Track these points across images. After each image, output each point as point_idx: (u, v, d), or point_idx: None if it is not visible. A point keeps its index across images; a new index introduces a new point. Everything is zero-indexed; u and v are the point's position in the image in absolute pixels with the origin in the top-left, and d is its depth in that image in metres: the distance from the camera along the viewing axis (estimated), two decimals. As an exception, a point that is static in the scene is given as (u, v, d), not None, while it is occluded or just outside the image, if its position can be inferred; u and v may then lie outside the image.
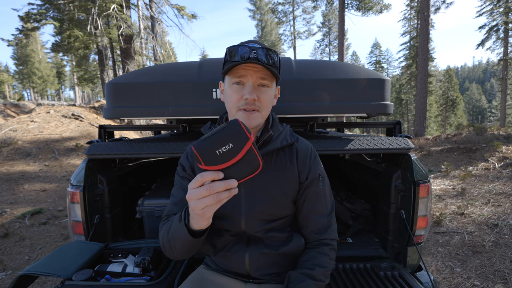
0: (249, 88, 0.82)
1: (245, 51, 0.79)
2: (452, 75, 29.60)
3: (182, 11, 11.60)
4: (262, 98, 0.84)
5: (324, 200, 0.94)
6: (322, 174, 0.96)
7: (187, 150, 1.00)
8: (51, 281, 2.28)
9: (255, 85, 0.83)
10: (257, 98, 0.82)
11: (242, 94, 0.82)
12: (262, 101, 0.84)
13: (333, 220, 0.96)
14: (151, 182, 2.14)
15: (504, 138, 7.30)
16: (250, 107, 0.83)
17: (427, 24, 11.69)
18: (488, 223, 3.15)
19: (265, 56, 0.80)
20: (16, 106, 16.55)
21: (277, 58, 0.84)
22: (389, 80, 1.37)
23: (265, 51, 0.80)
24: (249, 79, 0.82)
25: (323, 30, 32.46)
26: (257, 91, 0.83)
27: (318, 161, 0.97)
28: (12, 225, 3.41)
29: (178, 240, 0.75)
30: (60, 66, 42.02)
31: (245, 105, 0.82)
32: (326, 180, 0.97)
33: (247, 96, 0.81)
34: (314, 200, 0.93)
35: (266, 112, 0.87)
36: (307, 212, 0.94)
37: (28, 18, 10.24)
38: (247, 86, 0.82)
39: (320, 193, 0.94)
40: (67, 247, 1.23)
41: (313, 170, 0.94)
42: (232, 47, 0.82)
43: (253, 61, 0.77)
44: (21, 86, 41.52)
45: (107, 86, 1.34)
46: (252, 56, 0.78)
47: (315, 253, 0.90)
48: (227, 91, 0.87)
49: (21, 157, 6.82)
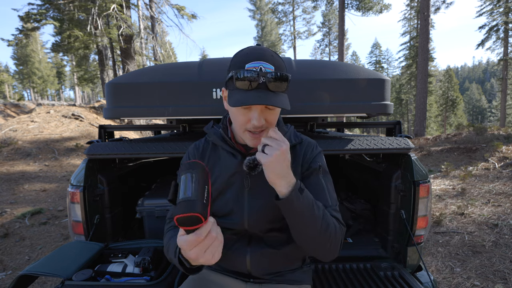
0: (256, 114, 0.76)
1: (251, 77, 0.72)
2: (452, 75, 29.60)
3: (182, 11, 11.60)
4: (269, 119, 0.80)
5: (325, 193, 0.88)
6: (324, 167, 0.92)
7: (189, 150, 0.99)
8: (51, 281, 2.28)
9: (262, 109, 0.78)
10: (264, 122, 0.78)
11: (249, 117, 0.78)
12: (270, 122, 0.80)
13: (339, 215, 0.87)
14: (151, 182, 2.14)
15: (504, 138, 7.30)
16: (257, 130, 0.79)
17: (427, 24, 11.69)
18: (488, 223, 3.15)
19: (275, 80, 0.73)
20: (16, 106, 16.55)
21: (287, 79, 0.76)
22: (389, 80, 1.37)
23: (274, 75, 0.73)
24: (257, 106, 0.76)
25: (323, 30, 32.46)
26: (265, 113, 0.79)
27: (321, 156, 0.94)
28: (12, 225, 3.41)
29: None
30: (60, 66, 42.01)
31: (252, 128, 0.79)
32: (328, 175, 0.93)
33: (255, 123, 0.76)
34: (314, 192, 0.86)
35: (272, 127, 0.83)
36: None
37: (28, 18, 10.24)
38: (253, 111, 0.77)
39: (321, 185, 0.88)
40: (67, 247, 1.23)
41: (315, 161, 0.90)
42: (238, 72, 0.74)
43: (259, 100, 0.71)
44: (21, 86, 41.53)
45: (107, 86, 1.34)
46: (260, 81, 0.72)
47: None
48: (231, 109, 0.81)
49: (21, 157, 6.82)
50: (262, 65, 0.73)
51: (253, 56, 0.75)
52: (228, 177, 0.90)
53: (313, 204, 0.75)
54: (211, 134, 0.93)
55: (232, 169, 0.89)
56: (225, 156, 0.92)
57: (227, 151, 0.91)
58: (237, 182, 0.89)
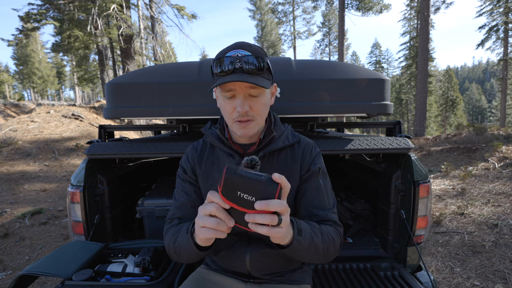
0: (239, 101, 0.80)
1: (228, 63, 0.77)
2: (452, 75, 29.60)
3: (182, 11, 11.61)
4: (255, 107, 0.82)
5: (324, 195, 0.90)
6: (323, 169, 0.94)
7: (187, 152, 0.99)
8: (51, 281, 2.28)
9: (246, 96, 0.81)
10: (250, 108, 0.81)
11: (234, 106, 0.81)
12: (255, 110, 0.83)
13: (336, 217, 0.90)
14: (151, 182, 2.14)
15: (504, 138, 7.30)
16: (244, 118, 0.82)
17: (427, 24, 11.69)
18: (488, 223, 3.15)
19: (251, 63, 0.77)
20: (16, 106, 16.55)
21: (263, 61, 0.79)
22: (389, 80, 1.37)
23: (249, 59, 0.77)
24: (239, 92, 0.80)
25: (323, 30, 32.47)
26: (249, 101, 0.81)
27: (320, 157, 0.95)
28: (12, 225, 3.41)
29: (185, 251, 0.77)
30: (60, 66, 42.01)
31: (239, 117, 0.82)
32: (327, 177, 0.94)
33: (239, 109, 0.79)
34: (313, 194, 0.89)
35: (261, 118, 0.86)
36: (306, 206, 0.89)
37: (28, 18, 10.24)
38: (237, 98, 0.80)
39: (321, 187, 0.90)
40: (67, 247, 1.23)
41: (314, 163, 0.92)
42: (216, 60, 0.80)
43: (236, 78, 0.75)
44: (21, 86, 41.52)
45: (107, 86, 1.34)
46: (237, 66, 0.76)
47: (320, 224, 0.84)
48: (220, 102, 0.86)
49: (21, 157, 6.82)
50: (239, 52, 0.78)
51: (232, 47, 0.81)
52: None
53: (312, 236, 0.74)
54: (209, 135, 0.94)
55: None
56: (223, 157, 0.92)
57: (225, 152, 0.92)
58: None
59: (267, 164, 0.90)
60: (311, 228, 0.76)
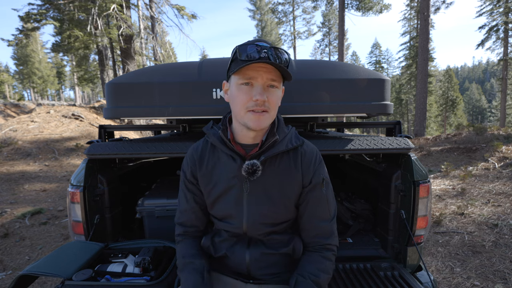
0: (259, 89, 0.79)
1: (255, 50, 0.77)
2: (452, 75, 29.60)
3: (182, 11, 11.60)
4: (271, 99, 0.82)
5: (327, 205, 0.92)
6: (326, 179, 0.94)
7: (187, 154, 0.99)
8: (51, 281, 2.28)
9: (264, 86, 0.80)
10: (267, 99, 0.80)
11: (251, 95, 0.80)
12: (271, 102, 0.82)
13: (335, 225, 0.95)
14: (151, 182, 2.14)
15: (504, 138, 7.30)
16: (259, 108, 0.81)
17: (427, 24, 11.69)
18: (488, 223, 3.15)
19: (275, 56, 0.79)
20: (16, 106, 16.55)
21: (287, 56, 0.83)
22: (389, 80, 1.37)
23: (275, 51, 0.79)
24: (259, 80, 0.80)
25: (323, 30, 32.46)
26: (267, 92, 0.81)
27: (323, 165, 0.95)
28: (12, 225, 3.41)
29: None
30: (60, 66, 41.99)
31: (254, 106, 0.80)
32: (329, 186, 0.95)
33: (258, 97, 0.78)
34: (316, 205, 0.91)
35: (274, 112, 0.86)
36: (309, 216, 0.92)
37: (28, 18, 10.23)
38: (256, 87, 0.80)
39: (323, 198, 0.91)
40: (67, 247, 1.23)
41: (317, 174, 0.91)
42: (241, 46, 0.80)
43: (264, 60, 0.75)
44: (21, 86, 41.50)
45: (107, 86, 1.34)
46: (263, 55, 0.77)
47: (320, 257, 0.90)
48: (233, 92, 0.84)
49: (21, 157, 6.82)
50: (264, 45, 0.80)
51: (252, 41, 0.82)
52: (227, 181, 0.89)
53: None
54: (211, 135, 0.92)
55: (231, 172, 0.88)
56: (224, 159, 0.91)
57: (227, 154, 0.90)
58: (236, 186, 0.89)
59: (269, 168, 0.88)
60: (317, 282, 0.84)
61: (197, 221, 0.98)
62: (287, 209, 0.91)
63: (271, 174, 0.88)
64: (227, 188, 0.89)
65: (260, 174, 0.85)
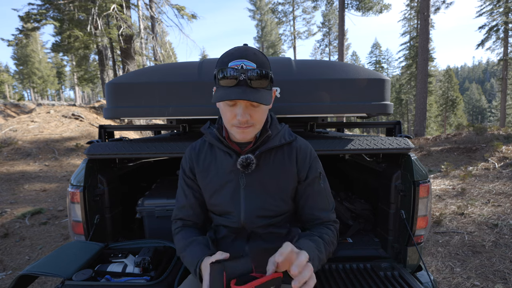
0: (240, 110, 0.80)
1: (232, 74, 0.76)
2: (452, 75, 29.61)
3: (182, 11, 11.60)
4: (255, 116, 0.83)
5: (326, 197, 0.96)
6: (323, 173, 0.99)
7: (186, 152, 1.02)
8: (51, 281, 2.28)
9: (247, 105, 0.81)
10: (250, 116, 0.82)
11: (235, 113, 0.81)
12: (255, 118, 0.84)
13: (335, 215, 0.99)
14: (151, 182, 2.14)
15: (504, 138, 7.30)
16: (243, 125, 0.83)
17: (427, 24, 11.69)
18: (488, 223, 3.15)
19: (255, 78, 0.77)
20: (16, 106, 16.55)
21: (268, 74, 0.80)
22: (389, 80, 1.37)
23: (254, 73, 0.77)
24: (242, 102, 0.80)
25: (323, 30, 32.45)
26: (250, 110, 0.82)
27: (318, 160, 0.99)
28: (12, 225, 3.41)
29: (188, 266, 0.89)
30: (60, 66, 41.98)
31: (238, 124, 0.83)
32: (326, 180, 1.00)
33: (239, 118, 0.80)
34: (316, 197, 0.95)
35: (260, 125, 0.88)
36: (310, 209, 0.96)
37: (28, 18, 10.23)
38: (239, 107, 0.81)
39: (322, 191, 0.96)
40: (67, 247, 1.23)
41: (313, 168, 0.95)
42: (220, 68, 0.79)
43: (240, 95, 0.75)
44: (21, 86, 41.50)
45: (107, 86, 1.34)
46: (241, 78, 0.76)
47: (322, 227, 0.93)
48: (220, 106, 0.86)
49: (21, 157, 6.82)
50: (244, 63, 0.77)
51: (236, 55, 0.79)
52: (224, 176, 0.93)
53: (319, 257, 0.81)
54: (208, 135, 0.96)
55: (227, 168, 0.92)
56: (221, 156, 0.94)
57: (223, 151, 0.94)
58: (233, 180, 0.92)
59: (263, 163, 0.92)
60: (316, 247, 0.82)
61: (195, 217, 1.00)
62: (283, 201, 0.94)
63: (266, 168, 0.92)
64: (224, 183, 0.93)
65: (256, 169, 0.89)
